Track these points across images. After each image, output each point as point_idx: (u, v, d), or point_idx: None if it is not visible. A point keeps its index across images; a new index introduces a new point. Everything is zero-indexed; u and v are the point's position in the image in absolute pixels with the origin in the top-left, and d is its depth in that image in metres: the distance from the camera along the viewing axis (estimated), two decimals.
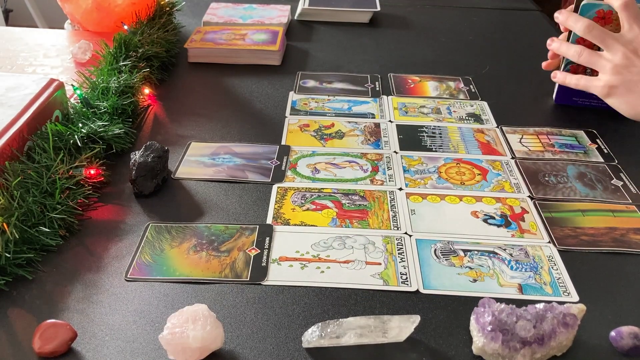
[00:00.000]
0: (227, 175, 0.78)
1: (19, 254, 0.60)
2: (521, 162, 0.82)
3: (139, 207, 0.71)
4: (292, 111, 0.94)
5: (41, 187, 0.66)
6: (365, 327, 0.53)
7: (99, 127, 0.77)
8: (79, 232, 0.67)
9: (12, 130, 0.70)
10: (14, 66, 1.01)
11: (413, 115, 0.94)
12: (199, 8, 1.34)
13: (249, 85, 1.02)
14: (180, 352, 0.51)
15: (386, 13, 1.37)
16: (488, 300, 0.54)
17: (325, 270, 0.63)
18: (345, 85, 1.03)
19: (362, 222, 0.70)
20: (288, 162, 0.81)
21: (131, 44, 0.97)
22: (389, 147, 0.85)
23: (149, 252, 0.65)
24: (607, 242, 0.68)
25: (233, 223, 0.69)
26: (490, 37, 1.27)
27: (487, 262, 0.64)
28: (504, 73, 1.10)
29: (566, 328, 0.53)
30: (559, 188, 0.77)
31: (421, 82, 1.05)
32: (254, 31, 1.15)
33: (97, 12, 1.11)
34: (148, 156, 0.73)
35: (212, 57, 1.09)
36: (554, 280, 0.62)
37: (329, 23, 1.31)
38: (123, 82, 0.87)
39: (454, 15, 1.39)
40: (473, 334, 0.54)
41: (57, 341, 0.52)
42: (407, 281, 0.61)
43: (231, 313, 0.57)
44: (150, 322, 0.56)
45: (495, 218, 0.71)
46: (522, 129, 0.91)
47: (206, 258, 0.64)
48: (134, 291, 0.60)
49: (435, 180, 0.78)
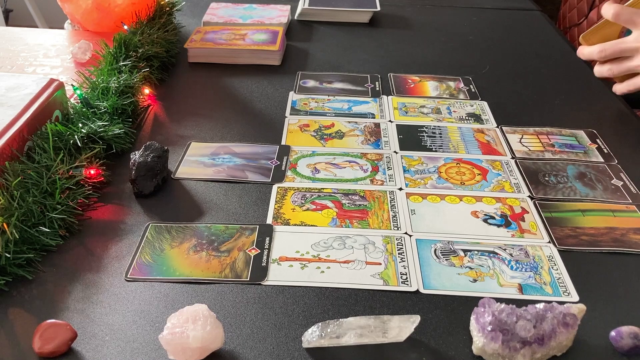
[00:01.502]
0: (227, 175, 0.78)
1: (19, 254, 0.60)
2: (521, 162, 0.82)
3: (139, 207, 0.71)
4: (292, 111, 0.94)
5: (41, 187, 0.66)
6: (365, 327, 0.53)
7: (99, 127, 0.77)
8: (79, 232, 0.67)
9: (12, 130, 0.70)
10: (14, 66, 1.01)
11: (413, 115, 0.94)
12: (199, 8, 1.34)
13: (249, 85, 1.02)
14: (180, 352, 0.51)
15: (386, 13, 1.37)
16: (488, 300, 0.54)
17: (325, 270, 0.63)
18: (345, 85, 1.03)
19: (362, 222, 0.70)
20: (288, 162, 0.81)
21: (131, 44, 0.97)
22: (389, 147, 0.85)
23: (149, 252, 0.65)
24: (607, 242, 0.68)
25: (233, 223, 0.69)
26: (490, 37, 1.27)
27: (487, 262, 0.64)
28: (504, 73, 1.10)
29: (566, 328, 0.53)
30: (559, 188, 0.77)
31: (421, 82, 1.05)
32: (254, 31, 1.15)
33: (97, 12, 1.11)
34: (148, 156, 0.73)
35: (212, 57, 1.09)
36: (554, 280, 0.62)
37: (329, 23, 1.31)
38: (123, 82, 0.87)
39: (454, 15, 1.39)
40: (473, 334, 0.54)
41: (57, 341, 0.52)
42: (407, 281, 0.61)
43: (231, 313, 0.57)
44: (150, 322, 0.56)
45: (495, 218, 0.71)
46: (522, 129, 0.91)
47: (206, 258, 0.64)
48: (134, 291, 0.60)
49: (435, 180, 0.78)
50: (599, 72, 0.96)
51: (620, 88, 0.96)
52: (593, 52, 0.93)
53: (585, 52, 0.95)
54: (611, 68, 0.93)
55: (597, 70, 0.96)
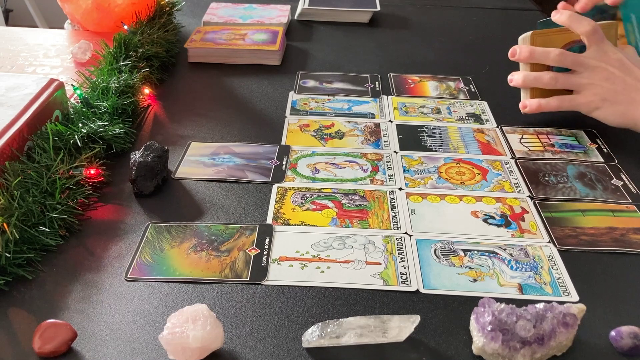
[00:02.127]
0: (227, 175, 0.78)
1: (19, 254, 0.60)
2: (521, 162, 0.82)
3: (139, 207, 0.71)
4: (292, 111, 0.94)
5: (41, 187, 0.66)
6: (365, 327, 0.53)
7: (99, 127, 0.77)
8: (79, 232, 0.67)
9: (12, 130, 0.70)
10: (14, 66, 1.01)
11: (413, 115, 0.94)
12: (199, 8, 1.34)
13: (249, 85, 1.02)
14: (180, 352, 0.51)
15: (386, 13, 1.37)
16: (488, 300, 0.54)
17: (325, 270, 0.63)
18: (345, 85, 1.03)
19: (362, 222, 0.70)
20: (288, 162, 0.81)
21: (131, 44, 0.97)
22: (389, 147, 0.85)
23: (149, 252, 0.65)
24: (607, 242, 0.68)
25: (233, 223, 0.69)
26: (490, 37, 1.27)
27: (487, 262, 0.64)
28: (504, 73, 1.10)
29: (566, 328, 0.53)
30: (559, 188, 0.77)
31: (421, 82, 1.05)
32: (254, 31, 1.15)
33: (97, 12, 1.11)
34: (148, 156, 0.73)
35: (212, 57, 1.09)
36: (554, 280, 0.62)
37: (329, 23, 1.31)
38: (123, 82, 0.87)
39: (454, 15, 1.39)
40: (473, 334, 0.54)
41: (57, 341, 0.52)
42: (407, 281, 0.61)
43: (231, 313, 0.57)
44: (150, 322, 0.56)
45: (495, 218, 0.71)
46: (522, 129, 0.91)
47: (206, 258, 0.64)
48: (134, 291, 0.60)
49: (435, 180, 0.78)
50: (536, 78, 0.87)
51: (545, 103, 0.88)
52: (548, 54, 0.85)
53: (538, 52, 0.86)
54: (556, 77, 0.86)
55: (535, 76, 0.88)
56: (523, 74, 0.90)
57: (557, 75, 0.87)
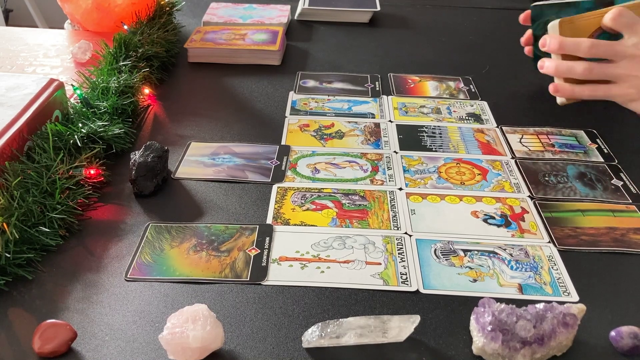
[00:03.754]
0: (227, 175, 0.78)
1: (19, 254, 0.60)
2: (521, 162, 0.82)
3: (139, 207, 0.71)
4: (292, 111, 0.94)
5: (41, 187, 0.66)
6: (365, 327, 0.53)
7: (99, 127, 0.77)
8: (79, 232, 0.67)
9: (12, 130, 0.70)
10: (14, 66, 1.01)
11: (413, 115, 0.94)
12: (199, 8, 1.34)
13: (249, 85, 1.02)
14: (180, 352, 0.51)
15: (386, 13, 1.37)
16: (488, 300, 0.54)
17: (325, 270, 0.63)
18: (345, 85, 1.03)
19: (362, 222, 0.70)
20: (288, 162, 0.81)
21: (131, 44, 0.97)
22: (389, 147, 0.85)
23: (149, 252, 0.65)
24: (607, 242, 0.68)
25: (233, 223, 0.69)
26: (490, 37, 1.27)
27: (487, 262, 0.64)
28: (504, 73, 1.10)
29: (566, 328, 0.53)
30: (559, 188, 0.77)
31: (421, 82, 1.05)
32: (254, 31, 1.15)
33: (97, 12, 1.11)
34: (148, 156, 0.73)
35: (212, 57, 1.09)
36: (554, 280, 0.62)
37: (329, 23, 1.31)
38: (123, 82, 0.87)
39: (454, 15, 1.39)
40: (473, 334, 0.54)
41: (57, 341, 0.52)
42: (407, 281, 0.61)
43: (231, 313, 0.57)
44: (150, 322, 0.56)
45: (495, 218, 0.71)
46: (522, 129, 0.91)
47: (206, 258, 0.64)
48: (134, 291, 0.60)
49: (435, 180, 0.78)
50: (569, 68, 0.82)
51: (579, 90, 0.83)
52: (580, 44, 0.80)
53: (568, 44, 0.81)
54: (591, 68, 0.80)
55: (568, 66, 0.82)
56: (555, 62, 0.83)
57: (591, 66, 0.80)
